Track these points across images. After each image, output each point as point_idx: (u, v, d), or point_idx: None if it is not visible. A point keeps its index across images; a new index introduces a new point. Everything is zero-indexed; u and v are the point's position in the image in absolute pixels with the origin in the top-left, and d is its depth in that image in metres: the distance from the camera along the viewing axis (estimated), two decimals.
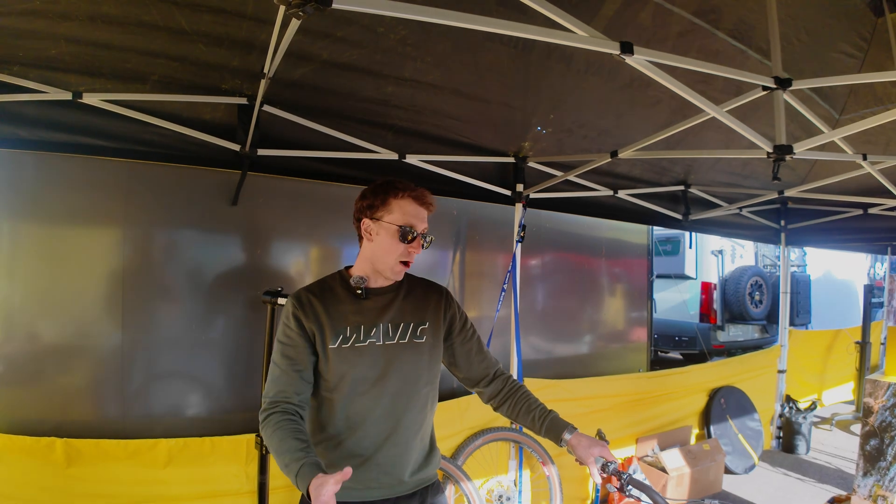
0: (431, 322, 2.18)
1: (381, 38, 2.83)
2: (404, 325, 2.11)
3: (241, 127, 3.39)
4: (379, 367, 2.04)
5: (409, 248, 2.05)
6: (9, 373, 3.32)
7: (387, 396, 2.04)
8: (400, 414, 2.06)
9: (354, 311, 2.07)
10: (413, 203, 2.06)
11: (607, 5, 2.71)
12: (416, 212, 2.06)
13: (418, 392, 2.12)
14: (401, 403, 2.06)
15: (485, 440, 4.45)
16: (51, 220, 3.43)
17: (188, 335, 3.77)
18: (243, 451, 3.49)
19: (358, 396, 2.02)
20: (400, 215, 2.04)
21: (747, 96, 2.72)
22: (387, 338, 2.07)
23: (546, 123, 4.00)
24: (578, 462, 2.07)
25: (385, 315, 2.10)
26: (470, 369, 2.30)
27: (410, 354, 2.10)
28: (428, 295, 2.24)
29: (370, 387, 2.03)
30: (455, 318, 2.26)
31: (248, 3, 2.46)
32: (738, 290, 10.28)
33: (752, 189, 5.46)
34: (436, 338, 2.18)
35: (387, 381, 2.04)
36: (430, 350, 2.16)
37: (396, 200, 2.05)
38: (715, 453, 5.61)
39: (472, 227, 5.15)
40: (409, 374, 2.09)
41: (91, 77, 2.92)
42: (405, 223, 2.03)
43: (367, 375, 2.03)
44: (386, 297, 2.14)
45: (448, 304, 2.26)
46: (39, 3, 2.31)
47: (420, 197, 2.07)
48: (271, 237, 4.14)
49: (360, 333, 2.04)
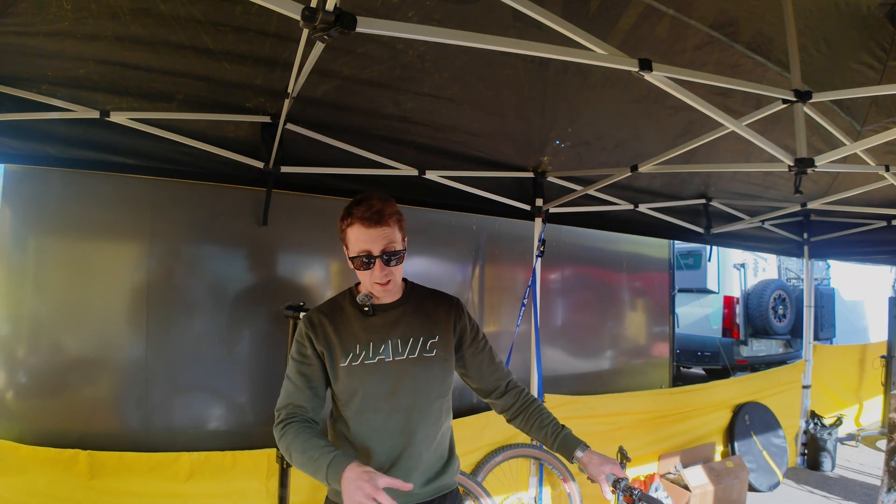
0: (441, 335, 2.14)
1: (401, 54, 2.87)
2: (413, 340, 2.08)
3: (264, 145, 3.45)
4: (389, 383, 2.02)
5: (375, 272, 1.97)
6: (35, 384, 3.38)
7: (399, 412, 2.03)
8: (413, 428, 2.04)
9: (363, 329, 2.06)
10: (360, 226, 1.94)
11: (624, 19, 2.72)
12: (366, 236, 1.94)
13: (431, 406, 2.10)
14: (414, 418, 2.05)
15: (505, 456, 4.42)
16: (77, 236, 3.50)
17: (210, 349, 3.82)
18: (264, 465, 3.51)
19: (370, 413, 2.02)
20: (353, 244, 1.97)
21: (767, 109, 2.71)
22: (396, 353, 2.05)
23: (564, 137, 4.01)
24: (590, 480, 2.05)
25: (394, 331, 2.08)
26: (482, 380, 2.28)
27: (421, 369, 2.07)
28: (437, 307, 2.20)
29: (382, 403, 2.02)
30: (466, 330, 2.22)
31: (271, 22, 2.51)
32: (761, 304, 10.13)
33: (773, 201, 5.40)
34: (447, 350, 2.15)
35: (398, 397, 2.03)
36: (442, 363, 2.13)
37: (349, 229, 1.97)
38: (739, 471, 5.51)
39: (491, 242, 5.16)
40: (420, 389, 2.07)
41: (118, 96, 3.00)
42: (358, 252, 1.96)
43: (378, 392, 2.01)
44: (394, 313, 2.11)
45: (458, 314, 2.22)
46: (68, 25, 2.38)
47: (366, 219, 1.93)
48: (293, 252, 4.19)
49: (370, 350, 2.03)
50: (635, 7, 2.65)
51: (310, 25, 1.54)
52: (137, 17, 2.40)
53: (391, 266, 1.99)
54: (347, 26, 1.55)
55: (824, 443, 6.63)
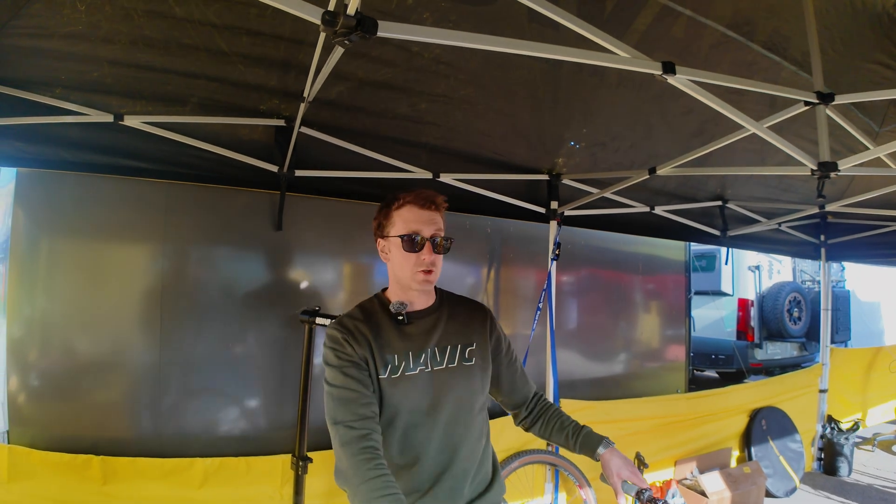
0: (478, 343, 2.03)
1: (415, 56, 2.85)
2: (451, 349, 1.96)
3: (277, 148, 3.44)
4: (430, 395, 1.89)
5: (423, 257, 1.87)
6: (47, 389, 3.37)
7: (440, 427, 1.90)
8: (457, 444, 1.92)
9: (399, 338, 1.92)
10: (413, 208, 1.89)
11: (640, 20, 2.68)
12: (417, 216, 1.88)
13: (474, 419, 1.98)
14: (457, 433, 1.92)
15: (521, 462, 4.37)
16: (90, 239, 3.49)
17: (224, 353, 3.81)
18: (278, 471, 3.48)
19: (411, 429, 1.88)
20: (402, 225, 1.88)
21: (787, 112, 2.65)
22: (435, 363, 1.92)
23: (579, 138, 3.97)
24: (603, 481, 1.99)
25: (430, 339, 1.95)
26: (513, 393, 2.18)
27: (462, 379, 1.95)
28: (472, 315, 2.09)
29: (423, 417, 1.88)
30: (501, 340, 2.13)
31: (285, 24, 2.49)
32: (776, 307, 10.04)
33: (790, 203, 5.34)
34: (484, 359, 2.03)
35: (440, 411, 1.90)
36: (482, 372, 2.02)
37: (397, 212, 1.91)
38: (756, 476, 5.44)
39: (506, 245, 5.13)
40: (463, 401, 1.95)
41: (132, 99, 2.99)
42: (408, 231, 1.87)
43: (419, 406, 1.88)
44: (429, 321, 1.99)
45: (493, 324, 2.12)
46: (82, 27, 2.37)
47: (420, 200, 1.90)
48: (307, 256, 4.18)
49: (409, 360, 1.89)
50: (651, 7, 2.61)
51: (330, 30, 1.50)
52: (152, 18, 2.39)
53: (439, 252, 1.90)
54: (369, 31, 1.51)
55: (841, 447, 6.53)
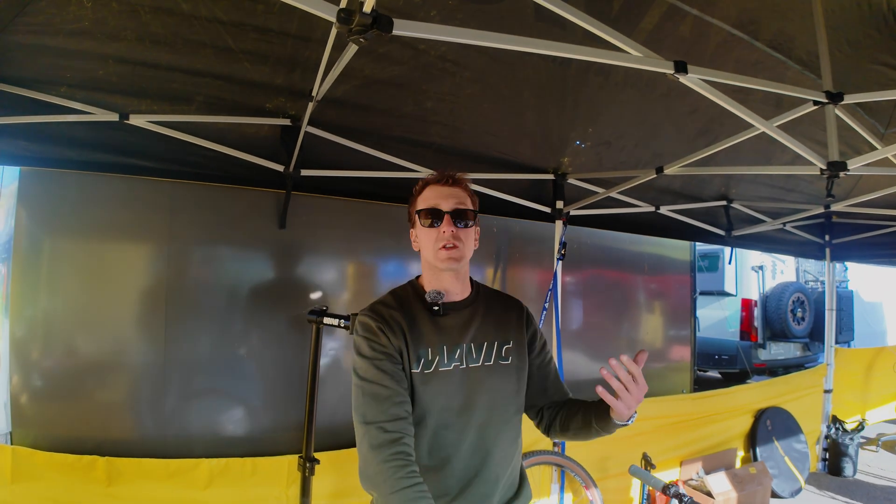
0: (515, 340, 1.93)
1: (421, 54, 2.82)
2: (488, 345, 1.87)
3: (283, 147, 3.42)
4: (463, 394, 1.79)
5: (442, 230, 1.81)
6: (51, 389, 3.35)
7: (473, 428, 1.79)
8: (489, 447, 1.81)
9: (433, 330, 1.82)
10: (432, 187, 1.88)
11: (647, 19, 2.66)
12: (437, 193, 1.86)
13: (509, 421, 1.88)
14: (490, 435, 1.82)
15: (527, 463, 4.34)
16: (94, 238, 3.48)
17: (229, 353, 3.79)
18: (284, 472, 3.46)
19: (442, 430, 1.77)
20: (423, 203, 1.87)
21: (795, 111, 2.65)
22: (470, 360, 1.82)
23: (585, 137, 3.96)
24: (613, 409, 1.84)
25: (466, 333, 1.85)
26: (544, 395, 2.02)
27: (497, 379, 1.85)
28: (508, 310, 2.01)
29: (455, 418, 1.78)
30: (536, 337, 2.03)
31: (292, 21, 2.47)
32: (779, 307, 10.02)
33: (795, 203, 5.32)
34: (521, 358, 1.93)
35: (473, 411, 1.80)
36: (518, 372, 1.91)
37: (420, 195, 1.90)
38: (761, 477, 5.42)
39: (511, 245, 5.12)
40: (497, 402, 1.84)
41: (137, 98, 2.97)
42: (426, 207, 1.84)
43: (451, 405, 1.78)
44: (465, 314, 1.90)
45: (529, 320, 2.03)
46: (88, 24, 2.35)
47: (438, 178, 1.89)
48: (312, 255, 4.16)
49: (444, 355, 1.80)
50: (658, 7, 2.59)
51: (345, 28, 1.48)
52: (158, 15, 2.37)
53: (459, 227, 1.83)
54: (384, 29, 1.49)
55: (846, 448, 6.53)
